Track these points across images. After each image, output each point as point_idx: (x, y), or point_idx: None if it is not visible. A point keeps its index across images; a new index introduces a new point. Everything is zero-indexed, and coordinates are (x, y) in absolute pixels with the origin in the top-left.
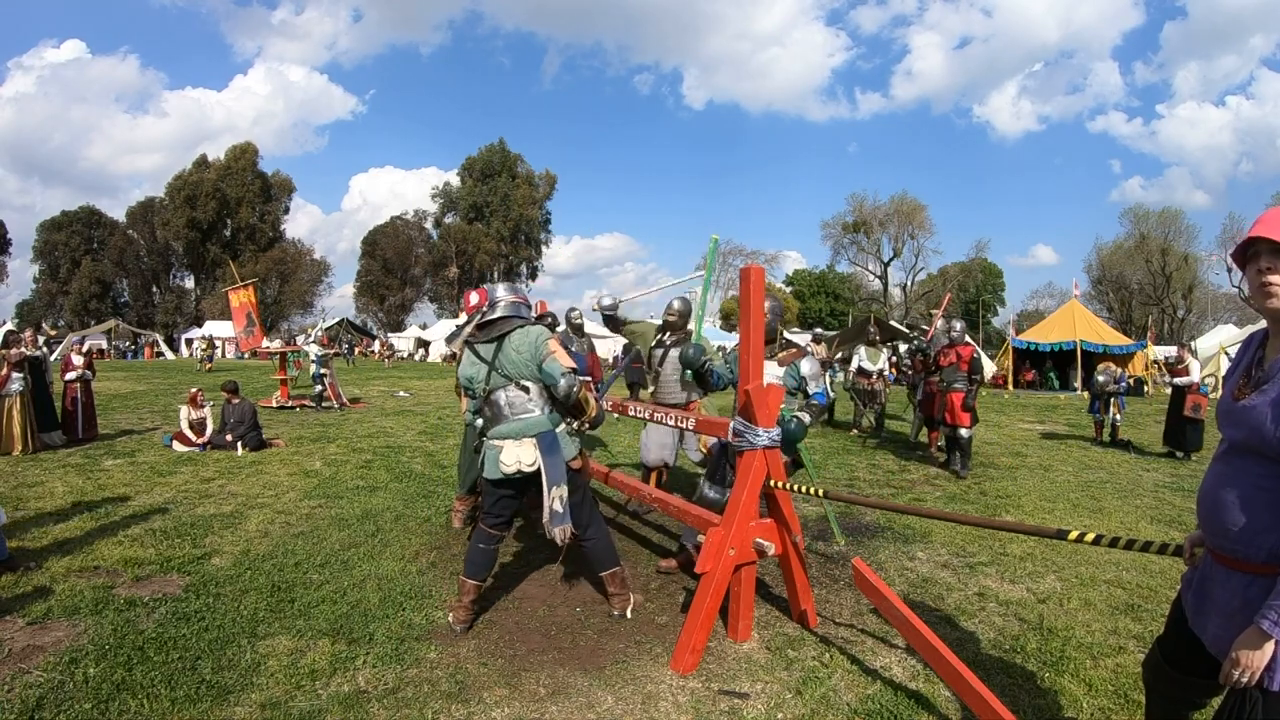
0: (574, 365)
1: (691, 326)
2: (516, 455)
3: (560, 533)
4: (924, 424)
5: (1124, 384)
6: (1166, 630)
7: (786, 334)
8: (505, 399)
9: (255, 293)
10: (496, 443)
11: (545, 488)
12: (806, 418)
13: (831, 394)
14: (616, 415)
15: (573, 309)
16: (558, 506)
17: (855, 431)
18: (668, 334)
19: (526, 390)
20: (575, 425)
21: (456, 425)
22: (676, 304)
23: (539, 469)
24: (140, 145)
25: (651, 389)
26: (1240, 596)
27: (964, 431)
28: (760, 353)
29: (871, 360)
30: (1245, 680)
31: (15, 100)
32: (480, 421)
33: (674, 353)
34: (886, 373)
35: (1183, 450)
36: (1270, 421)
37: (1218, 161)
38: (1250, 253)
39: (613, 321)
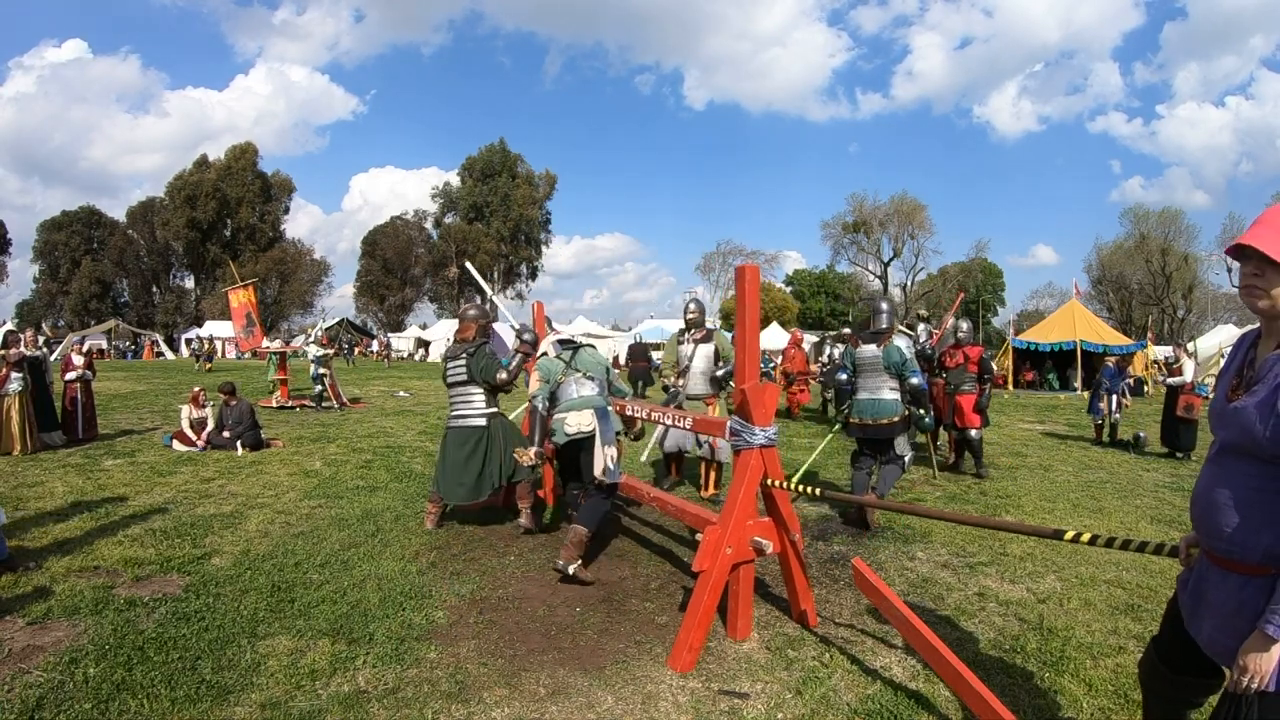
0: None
1: (709, 323)
2: (579, 421)
3: (614, 484)
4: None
5: (1127, 381)
6: (1162, 630)
7: (799, 332)
8: (575, 385)
9: (255, 293)
10: (562, 415)
11: (599, 446)
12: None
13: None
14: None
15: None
16: (610, 464)
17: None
18: (690, 331)
19: (593, 379)
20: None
21: None
22: (692, 305)
23: (594, 432)
24: (141, 145)
25: (680, 383)
26: (1235, 598)
27: (974, 433)
28: (756, 352)
29: None
30: (1255, 686)
31: (16, 100)
32: (545, 404)
33: (702, 349)
34: None
35: (1177, 450)
36: (1259, 422)
37: (1218, 162)
38: (1242, 254)
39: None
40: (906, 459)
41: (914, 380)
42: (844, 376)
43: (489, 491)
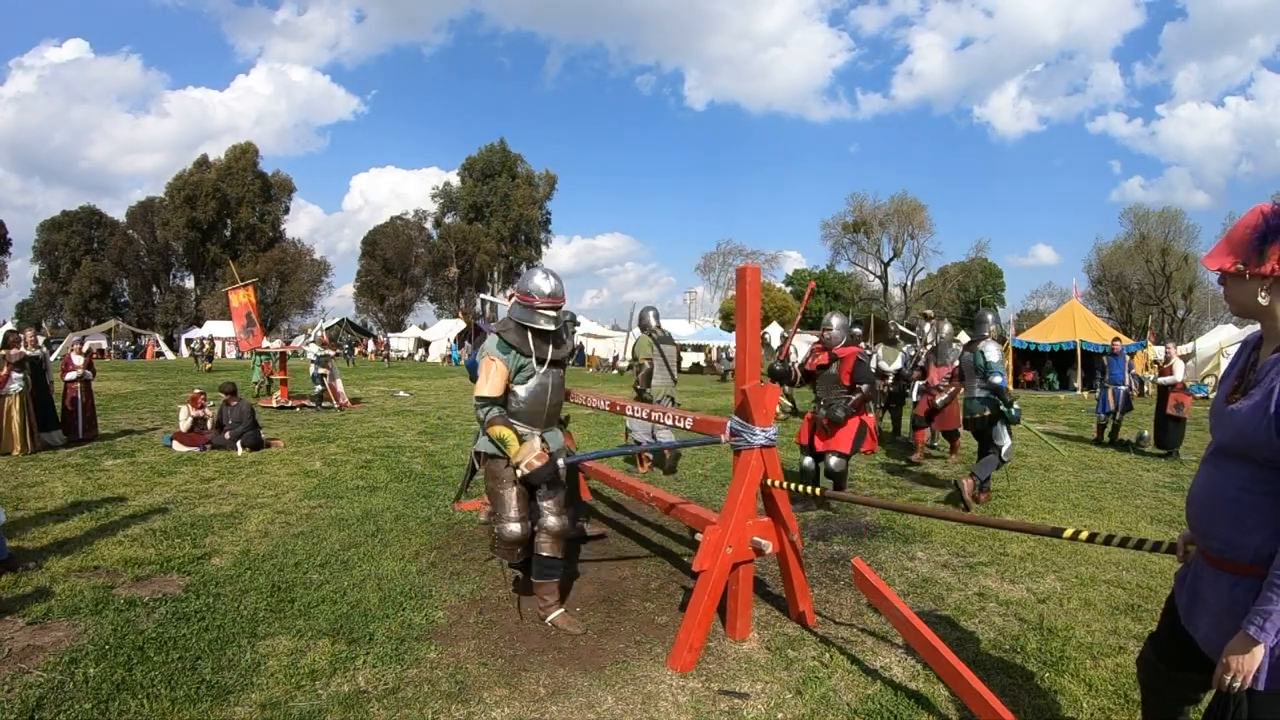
0: (481, 393)
1: (669, 328)
2: None
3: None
4: (915, 424)
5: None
6: (1159, 627)
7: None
8: None
9: (255, 293)
10: None
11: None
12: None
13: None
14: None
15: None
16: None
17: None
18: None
19: None
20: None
21: (457, 425)
22: (652, 318)
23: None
24: (142, 145)
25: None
26: (1227, 596)
27: (834, 459)
28: (757, 352)
29: (889, 360)
30: (1239, 685)
31: (16, 100)
32: None
33: (667, 349)
34: (905, 372)
35: (1165, 448)
36: (1253, 425)
37: (1218, 162)
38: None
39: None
40: (1005, 448)
41: (994, 379)
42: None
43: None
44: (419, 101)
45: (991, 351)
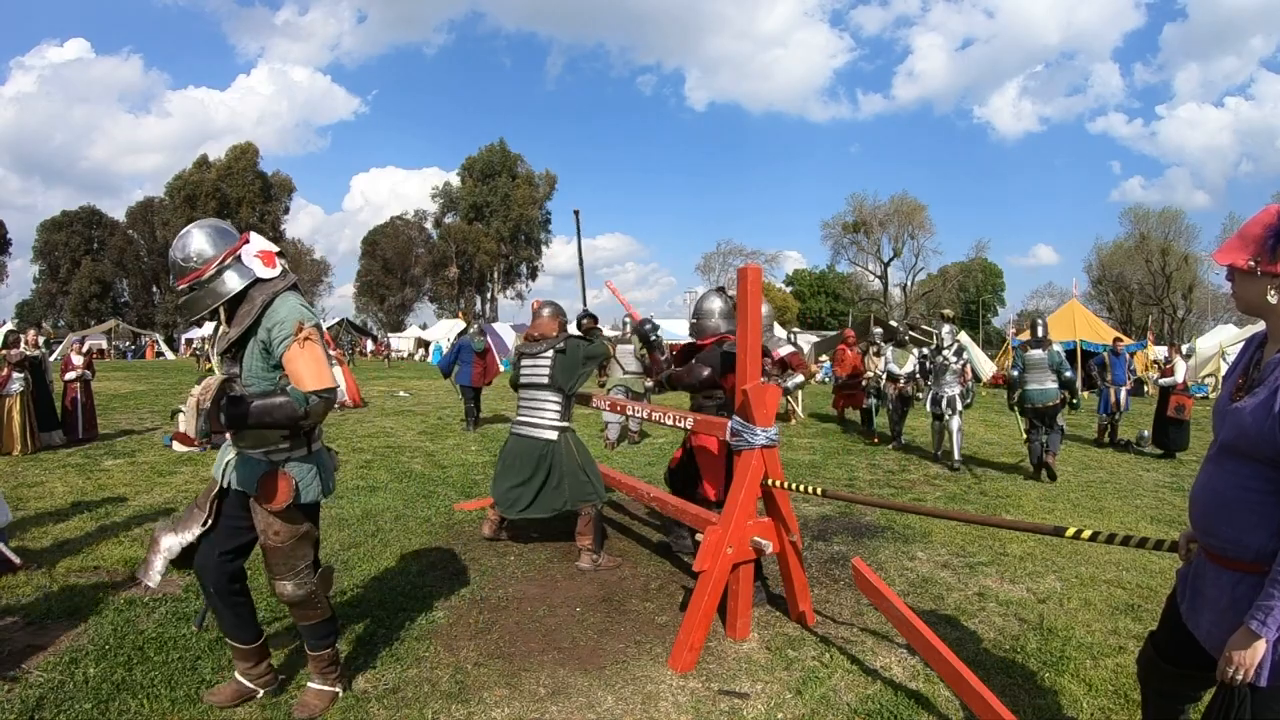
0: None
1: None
2: None
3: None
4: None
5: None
6: (1161, 625)
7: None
8: None
9: None
10: None
11: None
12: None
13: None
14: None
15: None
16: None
17: (892, 445)
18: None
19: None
20: None
21: (456, 426)
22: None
23: None
24: (143, 145)
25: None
26: (1229, 594)
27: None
28: (758, 352)
29: (900, 363)
30: (1240, 679)
31: (17, 99)
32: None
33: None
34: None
35: (1166, 450)
36: (1257, 423)
37: (1218, 162)
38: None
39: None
40: (1064, 427)
41: (1067, 374)
42: (1016, 373)
43: (551, 512)
44: (419, 101)
45: (1062, 351)
